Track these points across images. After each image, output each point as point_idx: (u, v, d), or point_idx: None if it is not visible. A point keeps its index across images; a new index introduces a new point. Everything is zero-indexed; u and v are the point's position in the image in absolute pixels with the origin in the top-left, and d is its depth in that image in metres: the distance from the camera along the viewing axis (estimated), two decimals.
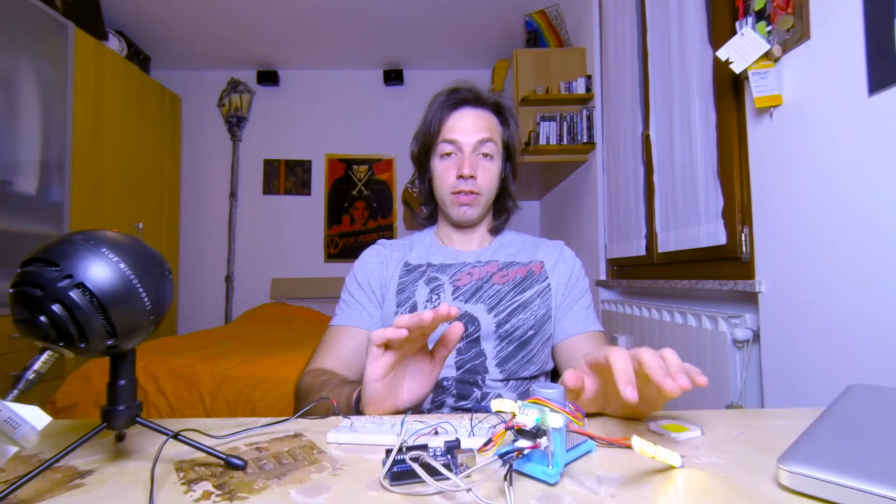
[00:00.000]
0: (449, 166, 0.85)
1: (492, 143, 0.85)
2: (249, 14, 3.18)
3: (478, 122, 0.84)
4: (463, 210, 0.85)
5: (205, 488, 0.39)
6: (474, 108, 0.85)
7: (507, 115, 0.88)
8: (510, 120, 0.89)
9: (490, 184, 0.86)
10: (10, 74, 2.26)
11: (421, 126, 0.88)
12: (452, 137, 0.84)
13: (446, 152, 0.85)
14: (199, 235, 3.86)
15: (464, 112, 0.85)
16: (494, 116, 0.87)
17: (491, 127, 0.86)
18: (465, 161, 0.83)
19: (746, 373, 1.22)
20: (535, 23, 2.89)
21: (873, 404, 0.48)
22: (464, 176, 0.82)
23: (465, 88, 0.86)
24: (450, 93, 0.86)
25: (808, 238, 1.03)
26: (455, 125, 0.84)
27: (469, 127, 0.84)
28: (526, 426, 0.39)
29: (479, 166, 0.84)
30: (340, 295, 0.89)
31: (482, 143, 0.84)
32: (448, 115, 0.85)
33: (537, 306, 0.82)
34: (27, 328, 0.37)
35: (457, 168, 0.83)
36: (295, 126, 3.97)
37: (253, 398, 1.70)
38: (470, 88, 0.86)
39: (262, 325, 3.03)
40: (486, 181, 0.85)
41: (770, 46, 1.09)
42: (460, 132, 0.84)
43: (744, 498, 0.36)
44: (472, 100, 0.85)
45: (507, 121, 0.88)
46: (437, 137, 0.85)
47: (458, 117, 0.84)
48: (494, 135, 0.86)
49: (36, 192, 2.41)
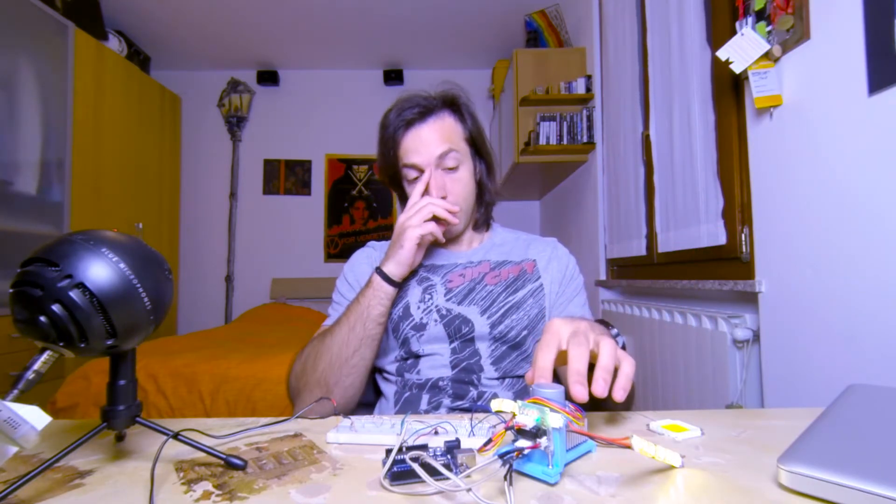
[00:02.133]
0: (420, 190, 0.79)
1: (453, 154, 0.80)
2: (249, 14, 3.18)
3: (432, 136, 0.80)
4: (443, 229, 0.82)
5: (205, 488, 0.39)
6: (424, 122, 0.80)
7: (462, 108, 0.84)
8: (466, 114, 0.84)
9: (463, 193, 0.82)
10: (10, 74, 2.26)
11: (378, 153, 0.86)
12: (412, 162, 0.80)
13: (412, 178, 0.82)
14: (199, 235, 3.86)
15: (416, 130, 0.80)
16: (449, 116, 0.82)
17: (448, 133, 0.81)
18: (433, 183, 0.79)
19: (746, 373, 1.22)
20: (535, 23, 2.89)
21: (873, 404, 0.48)
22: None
23: (408, 104, 0.81)
24: (396, 114, 0.81)
25: (808, 238, 1.03)
26: (410, 147, 0.80)
27: (425, 144, 0.79)
28: (526, 426, 0.39)
29: (447, 182, 0.81)
30: (332, 297, 0.89)
31: (443, 157, 0.80)
32: (401, 138, 0.81)
33: (530, 306, 0.82)
34: (27, 328, 0.37)
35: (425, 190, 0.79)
36: (295, 126, 3.97)
37: (253, 398, 1.70)
38: (415, 101, 0.81)
39: (262, 325, 3.03)
40: (457, 191, 0.81)
41: (770, 46, 1.09)
42: (417, 153, 0.80)
43: (744, 498, 0.36)
44: (418, 116, 0.80)
45: (464, 115, 0.84)
46: (398, 164, 0.82)
47: (411, 137, 0.80)
48: (454, 139, 0.81)
49: (36, 192, 2.41)
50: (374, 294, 0.73)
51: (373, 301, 0.73)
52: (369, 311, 0.73)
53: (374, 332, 0.74)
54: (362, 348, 0.73)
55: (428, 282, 0.83)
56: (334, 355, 0.72)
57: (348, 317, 0.74)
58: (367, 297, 0.73)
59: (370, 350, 0.74)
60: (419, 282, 0.84)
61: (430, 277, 0.84)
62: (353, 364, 0.72)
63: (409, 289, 0.83)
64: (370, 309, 0.73)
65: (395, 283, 0.74)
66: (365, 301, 0.73)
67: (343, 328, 0.73)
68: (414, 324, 0.80)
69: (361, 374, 0.74)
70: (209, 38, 3.50)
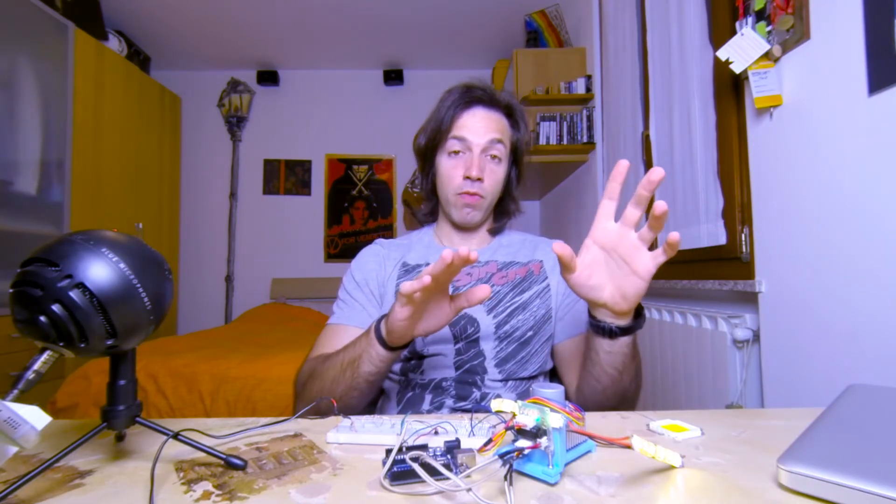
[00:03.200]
0: (456, 165, 0.83)
1: (501, 146, 0.83)
2: (249, 14, 3.18)
3: (489, 123, 0.83)
4: (466, 212, 0.84)
5: (205, 488, 0.39)
6: (487, 109, 0.84)
7: (518, 117, 0.87)
8: (521, 123, 0.87)
9: (495, 187, 0.85)
10: (10, 74, 2.26)
11: (430, 120, 0.86)
12: (463, 135, 0.82)
13: (455, 150, 0.83)
14: (199, 235, 3.86)
15: (476, 111, 0.83)
16: (505, 118, 0.86)
17: (502, 129, 0.84)
18: (474, 162, 0.81)
19: (746, 373, 1.22)
20: (535, 23, 2.89)
21: (873, 404, 0.48)
22: (471, 177, 0.81)
23: (479, 87, 0.84)
24: (464, 90, 0.84)
25: (808, 238, 1.03)
26: (466, 123, 0.82)
27: (480, 127, 0.82)
28: (526, 426, 0.39)
29: (487, 168, 0.83)
30: (338, 294, 0.88)
31: (492, 143, 0.82)
32: (460, 112, 0.83)
33: (537, 307, 0.82)
34: (27, 328, 0.37)
35: (465, 168, 0.82)
36: (295, 126, 3.97)
37: (253, 398, 1.70)
38: (484, 88, 0.85)
39: (262, 325, 3.03)
40: (491, 184, 0.83)
41: (770, 46, 1.09)
42: (471, 131, 0.82)
43: (744, 498, 0.36)
44: (485, 99, 0.84)
45: (518, 123, 0.87)
46: (448, 134, 0.83)
47: (470, 116, 0.83)
48: (504, 137, 0.84)
49: (36, 192, 2.41)
50: (367, 350, 0.64)
51: (364, 356, 0.64)
52: (360, 363, 0.65)
53: (363, 387, 0.66)
54: (348, 397, 0.67)
55: None
56: (325, 388, 0.68)
57: (344, 355, 0.67)
58: (361, 347, 0.65)
59: (357, 401, 0.68)
60: None
61: None
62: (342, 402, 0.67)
63: None
64: (360, 362, 0.64)
65: (387, 346, 0.63)
66: (358, 350, 0.65)
67: (336, 364, 0.68)
68: None
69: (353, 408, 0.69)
70: (209, 38, 3.50)
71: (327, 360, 0.71)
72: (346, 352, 0.68)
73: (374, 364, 0.64)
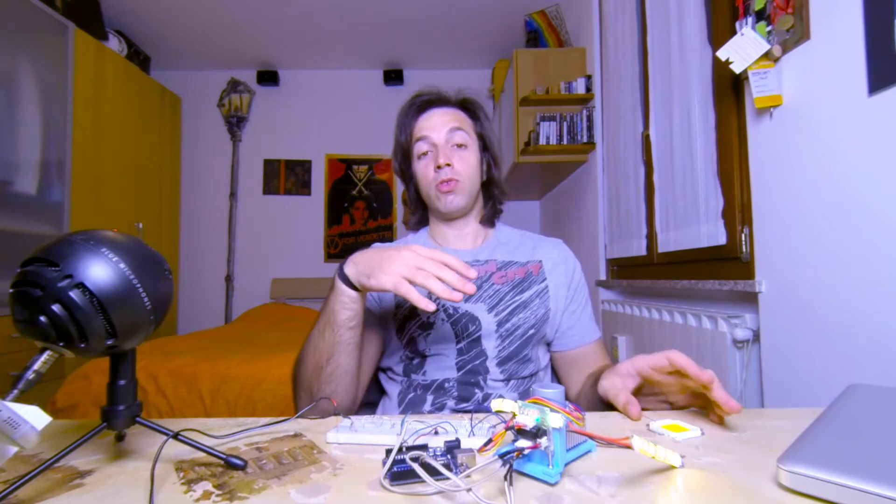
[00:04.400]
0: (427, 164, 0.86)
1: (462, 132, 0.86)
2: (249, 14, 3.18)
3: (445, 119, 0.87)
4: (448, 199, 0.85)
5: (205, 488, 0.39)
6: (440, 108, 0.88)
7: (476, 109, 0.91)
8: (480, 114, 0.91)
9: (468, 171, 0.86)
10: (10, 74, 2.26)
11: (395, 138, 0.91)
12: (424, 135, 0.86)
13: (423, 152, 0.87)
14: (199, 235, 3.86)
15: (431, 113, 0.88)
16: (462, 112, 0.89)
17: (460, 119, 0.88)
18: (440, 152, 0.84)
19: (746, 373, 1.22)
20: (535, 23, 2.89)
21: (873, 404, 0.48)
22: (440, 166, 0.84)
23: (427, 92, 0.90)
24: (413, 99, 0.90)
25: (808, 238, 1.03)
26: (424, 125, 0.87)
27: (438, 122, 0.86)
28: (526, 426, 0.39)
29: (455, 155, 0.86)
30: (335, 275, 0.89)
31: (452, 133, 0.86)
32: (416, 118, 0.88)
33: (537, 306, 0.83)
34: (27, 328, 0.37)
35: (434, 162, 0.85)
36: (295, 126, 3.96)
37: (253, 398, 1.70)
38: (433, 90, 0.90)
39: (262, 325, 3.03)
40: (463, 167, 0.86)
41: (770, 46, 1.09)
42: (430, 129, 0.86)
43: (744, 498, 0.36)
44: (435, 100, 0.89)
45: (477, 115, 0.90)
46: (413, 141, 0.88)
47: (426, 118, 0.88)
48: (465, 126, 0.88)
49: (36, 192, 2.41)
50: (337, 299, 0.67)
51: (337, 305, 0.67)
52: (335, 315, 0.67)
53: (347, 338, 0.68)
54: (336, 355, 0.68)
55: None
56: (311, 363, 0.70)
57: (319, 322, 0.70)
58: (332, 302, 0.67)
59: (347, 356, 0.69)
60: None
61: None
62: (328, 372, 0.68)
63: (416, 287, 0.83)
64: (335, 314, 0.67)
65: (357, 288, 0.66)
66: (330, 305, 0.68)
67: (314, 336, 0.70)
68: (420, 323, 0.80)
69: (344, 383, 0.70)
70: (209, 38, 3.50)
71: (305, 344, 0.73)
72: (319, 320, 0.70)
73: (351, 308, 0.67)
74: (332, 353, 0.68)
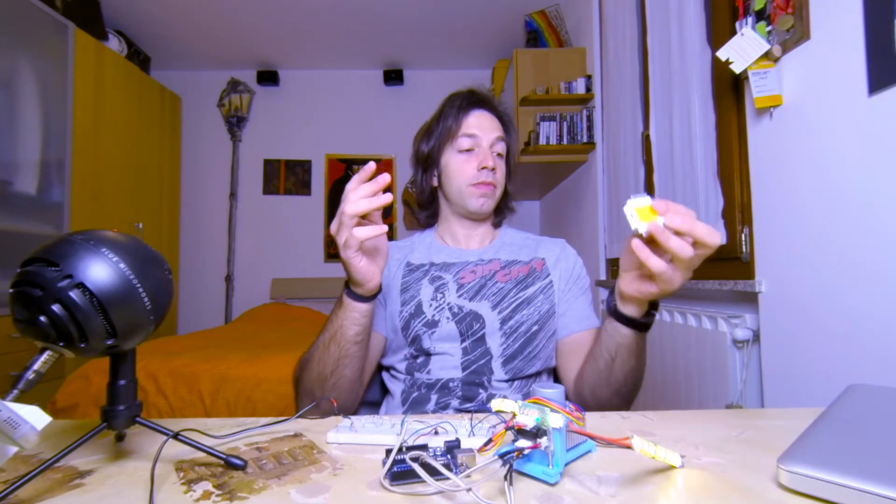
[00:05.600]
0: (468, 159, 0.88)
1: (503, 144, 0.90)
2: (249, 14, 3.18)
3: (493, 123, 0.90)
4: (482, 201, 0.87)
5: (205, 488, 0.39)
6: (489, 112, 0.91)
7: (510, 125, 0.94)
8: (511, 131, 0.95)
9: (503, 180, 0.91)
10: (10, 74, 2.26)
11: (436, 124, 0.92)
12: (473, 132, 0.88)
13: (466, 147, 0.88)
14: (199, 235, 3.86)
15: (481, 112, 0.90)
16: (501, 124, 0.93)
17: (501, 130, 0.92)
18: (488, 154, 0.87)
19: (746, 373, 1.22)
20: (535, 23, 2.89)
21: (873, 404, 0.48)
22: (487, 167, 0.86)
23: (482, 93, 0.92)
24: (469, 93, 0.91)
25: (808, 238, 1.03)
26: (475, 123, 0.89)
27: (487, 125, 0.89)
28: (526, 426, 0.39)
29: (497, 163, 0.89)
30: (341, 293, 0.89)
31: (497, 141, 0.89)
32: (467, 113, 0.89)
33: (541, 302, 0.83)
34: (27, 328, 0.37)
35: (478, 161, 0.87)
36: (295, 126, 3.96)
37: (253, 398, 1.70)
38: (486, 94, 0.93)
39: (262, 325, 3.03)
40: (500, 176, 0.90)
41: (770, 46, 1.09)
42: (480, 129, 0.88)
43: (744, 498, 0.36)
44: (488, 103, 0.91)
45: (510, 131, 0.94)
46: (458, 133, 0.88)
47: (476, 116, 0.89)
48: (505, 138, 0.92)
49: (36, 192, 2.40)
50: (346, 315, 0.67)
51: (346, 321, 0.67)
52: (343, 331, 0.68)
53: (353, 352, 0.69)
54: (340, 368, 0.69)
55: (440, 280, 0.84)
56: (315, 372, 0.70)
57: (323, 334, 0.70)
58: (339, 318, 0.68)
59: (351, 369, 0.70)
60: (431, 280, 0.85)
61: (443, 276, 0.85)
62: (332, 383, 0.70)
63: (421, 287, 0.84)
64: (343, 329, 0.68)
65: (365, 298, 0.67)
66: (338, 321, 0.68)
67: (319, 346, 0.70)
68: (426, 321, 0.80)
69: (346, 390, 0.72)
70: (209, 38, 3.50)
71: (309, 350, 0.73)
72: (324, 332, 0.71)
73: (358, 322, 0.68)
74: (336, 367, 0.69)
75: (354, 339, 0.68)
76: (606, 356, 0.70)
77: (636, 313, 0.66)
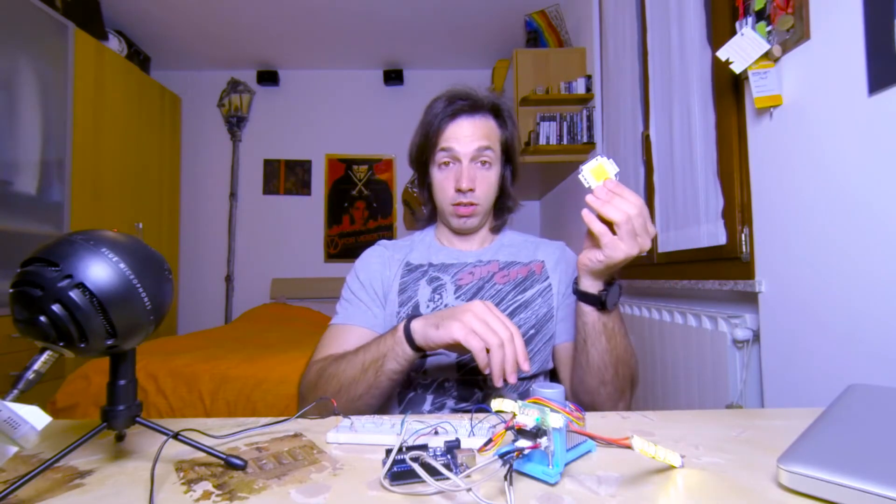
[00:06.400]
0: (447, 177, 0.84)
1: (489, 151, 0.84)
2: (249, 14, 3.18)
3: (475, 131, 0.83)
4: (462, 221, 0.86)
5: (205, 488, 0.39)
6: (471, 116, 0.84)
7: (505, 116, 0.88)
8: (508, 121, 0.88)
9: (488, 192, 0.86)
10: (10, 74, 2.26)
11: (418, 132, 0.88)
12: (450, 146, 0.83)
13: (444, 162, 0.84)
14: (199, 235, 3.86)
15: (461, 121, 0.84)
16: (492, 119, 0.86)
17: (488, 132, 0.85)
18: (464, 174, 0.82)
19: (746, 373, 1.22)
20: (535, 23, 2.89)
21: (873, 404, 0.48)
22: (462, 189, 0.82)
23: (461, 96, 0.84)
24: (447, 101, 0.84)
25: (808, 238, 1.03)
26: (452, 135, 0.83)
27: (466, 136, 0.83)
28: (526, 426, 0.39)
29: (478, 176, 0.84)
30: (341, 294, 0.88)
31: (480, 151, 0.83)
32: (446, 124, 0.84)
33: (539, 305, 0.83)
34: (27, 328, 0.37)
35: (455, 180, 0.83)
36: (295, 126, 3.96)
37: (253, 398, 1.70)
38: (467, 95, 0.85)
39: (262, 325, 3.03)
40: (483, 191, 0.84)
41: (770, 46, 1.09)
42: (458, 141, 0.83)
43: (744, 498, 0.36)
44: (468, 108, 0.84)
45: (505, 122, 0.88)
46: (436, 147, 0.84)
47: (455, 126, 0.83)
48: (492, 140, 0.85)
49: (36, 192, 2.40)
50: (393, 348, 0.65)
51: (390, 353, 0.65)
52: (385, 361, 0.65)
53: (384, 385, 0.67)
54: (368, 396, 0.67)
55: (438, 281, 0.84)
56: (343, 388, 0.68)
57: (365, 355, 0.68)
58: (387, 345, 0.65)
59: (377, 399, 0.68)
60: (429, 281, 0.84)
61: (441, 277, 0.85)
62: (356, 406, 0.68)
63: (419, 288, 0.83)
64: (386, 360, 0.65)
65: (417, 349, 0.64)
66: (384, 348, 0.66)
67: (357, 364, 0.68)
68: None
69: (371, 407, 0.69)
70: (209, 38, 3.50)
71: (341, 361, 0.70)
72: (366, 352, 0.68)
73: (400, 363, 0.65)
74: (365, 392, 0.67)
75: (391, 375, 0.66)
76: (580, 340, 0.72)
77: (593, 288, 0.68)
